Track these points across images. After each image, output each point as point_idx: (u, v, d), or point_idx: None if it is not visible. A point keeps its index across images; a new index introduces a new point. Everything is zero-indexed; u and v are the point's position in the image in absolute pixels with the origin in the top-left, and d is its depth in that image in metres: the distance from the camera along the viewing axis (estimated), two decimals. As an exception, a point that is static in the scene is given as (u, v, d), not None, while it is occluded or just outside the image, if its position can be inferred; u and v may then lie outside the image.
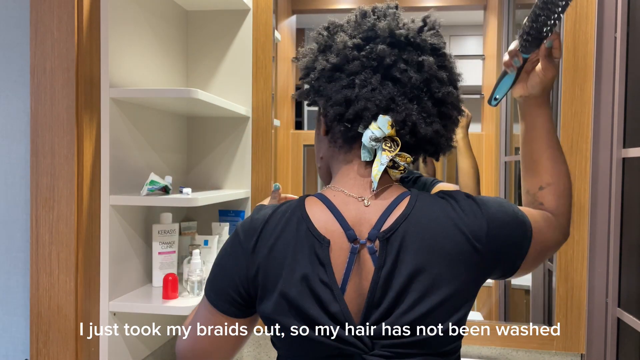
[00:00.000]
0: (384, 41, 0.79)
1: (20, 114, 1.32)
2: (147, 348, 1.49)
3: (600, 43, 1.52)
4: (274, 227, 0.77)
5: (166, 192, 1.35)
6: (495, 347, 1.59)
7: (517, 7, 1.75)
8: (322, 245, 0.74)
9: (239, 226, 0.81)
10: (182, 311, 1.29)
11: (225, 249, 0.82)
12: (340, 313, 0.72)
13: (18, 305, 1.34)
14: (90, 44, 1.23)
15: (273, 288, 0.75)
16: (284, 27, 1.80)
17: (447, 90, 0.80)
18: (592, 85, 1.52)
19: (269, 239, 0.77)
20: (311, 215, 0.77)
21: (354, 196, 0.78)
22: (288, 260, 0.75)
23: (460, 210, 0.76)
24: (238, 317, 0.81)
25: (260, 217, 0.79)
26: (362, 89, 0.78)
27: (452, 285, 0.72)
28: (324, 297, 0.73)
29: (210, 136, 1.72)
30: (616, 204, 1.49)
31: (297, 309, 0.74)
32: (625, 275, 1.49)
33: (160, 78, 1.55)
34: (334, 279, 0.73)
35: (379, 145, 0.77)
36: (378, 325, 0.72)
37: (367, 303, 0.73)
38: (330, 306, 0.72)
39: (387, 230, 0.74)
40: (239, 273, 0.78)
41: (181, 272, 1.50)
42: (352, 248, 0.75)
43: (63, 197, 1.20)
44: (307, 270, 0.73)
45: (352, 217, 0.76)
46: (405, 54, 0.79)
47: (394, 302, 0.72)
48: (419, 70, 0.78)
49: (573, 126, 1.53)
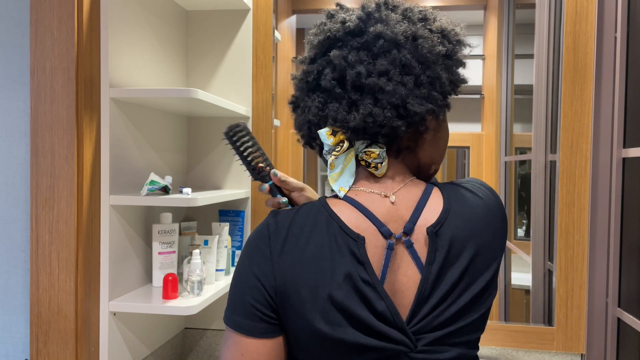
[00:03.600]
0: (309, 60, 0.82)
1: (20, 114, 1.32)
2: (147, 348, 1.49)
3: (600, 43, 1.52)
4: (301, 228, 0.73)
5: (166, 192, 1.35)
6: (495, 347, 1.59)
7: (517, 7, 1.75)
8: (357, 243, 0.71)
9: (257, 233, 0.75)
10: (182, 311, 1.29)
11: (242, 263, 0.75)
12: (387, 311, 0.70)
13: (18, 305, 1.35)
14: (90, 44, 1.23)
15: (310, 294, 0.70)
16: (284, 27, 1.80)
17: (356, 72, 0.74)
18: (592, 85, 1.52)
19: (298, 241, 0.72)
20: (339, 214, 0.74)
21: (377, 193, 0.76)
22: (325, 262, 0.70)
23: (477, 192, 0.79)
24: (270, 335, 0.72)
25: (284, 218, 0.75)
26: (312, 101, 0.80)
27: (490, 272, 0.75)
28: (370, 295, 0.70)
29: (210, 136, 1.72)
30: (616, 204, 1.49)
31: (345, 311, 0.69)
32: (625, 275, 1.49)
33: (160, 78, 1.55)
34: (375, 277, 0.71)
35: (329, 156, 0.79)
36: (425, 320, 0.71)
37: (417, 299, 0.71)
38: (377, 305, 0.70)
39: (434, 224, 0.73)
40: (266, 280, 0.71)
41: (181, 272, 1.50)
42: (388, 244, 0.73)
43: (63, 197, 1.20)
44: (350, 269, 0.70)
45: (382, 213, 0.74)
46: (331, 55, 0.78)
47: (444, 296, 0.72)
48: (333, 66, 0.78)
49: (573, 126, 1.53)
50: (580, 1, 1.53)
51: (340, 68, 0.76)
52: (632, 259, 1.48)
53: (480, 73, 1.73)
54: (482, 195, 0.79)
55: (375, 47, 0.75)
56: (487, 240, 0.75)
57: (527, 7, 1.75)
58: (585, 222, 1.53)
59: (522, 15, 1.76)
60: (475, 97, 1.73)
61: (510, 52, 1.74)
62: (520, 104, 1.76)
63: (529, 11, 1.73)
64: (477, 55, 1.75)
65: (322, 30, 0.80)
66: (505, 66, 1.74)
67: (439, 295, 0.71)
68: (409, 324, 0.71)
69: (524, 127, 1.81)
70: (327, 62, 0.78)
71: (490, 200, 0.79)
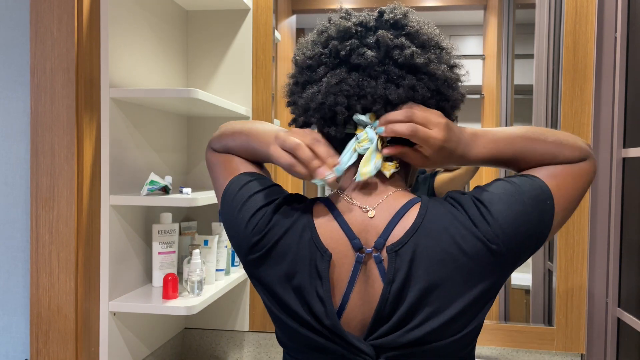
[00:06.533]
0: (335, 38, 0.78)
1: (20, 114, 1.32)
2: (147, 348, 1.49)
3: (600, 43, 1.52)
4: (283, 220, 0.77)
5: (166, 192, 1.35)
6: (495, 347, 1.59)
7: (517, 7, 1.75)
8: (323, 258, 0.73)
9: (286, 196, 0.81)
10: (182, 311, 1.29)
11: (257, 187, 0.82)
12: (333, 327, 0.71)
13: (18, 305, 1.34)
14: (90, 44, 1.23)
15: (278, 260, 0.76)
16: (284, 27, 1.80)
17: (410, 52, 0.74)
18: (592, 85, 1.52)
19: (278, 228, 0.77)
20: (317, 224, 0.76)
21: (359, 205, 0.76)
22: (286, 264, 0.74)
23: (470, 217, 0.71)
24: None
25: (284, 197, 0.80)
26: (329, 85, 0.76)
27: (469, 297, 0.70)
28: (318, 310, 0.72)
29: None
30: (616, 204, 1.49)
31: (294, 313, 0.74)
32: (625, 275, 1.49)
33: (160, 78, 1.55)
34: (329, 295, 0.72)
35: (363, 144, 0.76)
36: (385, 338, 0.71)
37: (375, 317, 0.71)
38: (324, 320, 0.72)
39: (396, 243, 0.71)
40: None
41: (181, 272, 1.50)
42: (357, 257, 0.73)
43: (63, 197, 1.20)
44: (304, 282, 0.73)
45: (357, 224, 0.75)
46: (366, 39, 0.77)
47: (404, 317, 0.70)
48: (378, 47, 0.76)
49: (573, 126, 1.53)
50: (580, 1, 1.53)
51: (386, 48, 0.75)
52: (632, 259, 1.48)
53: (480, 73, 1.73)
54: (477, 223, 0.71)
55: (417, 39, 0.76)
56: (461, 262, 0.69)
57: (527, 7, 1.75)
58: (585, 222, 1.53)
59: (522, 15, 1.76)
60: (475, 97, 1.72)
61: (510, 52, 1.74)
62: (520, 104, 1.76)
63: (529, 11, 1.73)
64: (477, 55, 1.75)
65: (348, 18, 0.79)
66: (505, 66, 1.74)
67: (399, 316, 0.70)
68: (367, 338, 0.72)
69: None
70: (365, 43, 0.76)
71: (484, 231, 0.70)
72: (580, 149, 0.77)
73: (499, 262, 0.71)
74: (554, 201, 0.73)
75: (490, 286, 0.71)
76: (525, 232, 0.71)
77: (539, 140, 0.77)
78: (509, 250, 0.70)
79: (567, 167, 0.76)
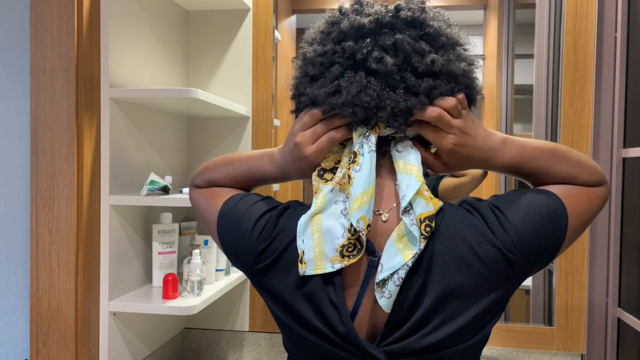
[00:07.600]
0: (349, 37, 0.74)
1: (20, 114, 1.32)
2: (147, 348, 1.49)
3: (600, 43, 1.52)
4: (289, 226, 0.75)
5: (166, 192, 1.35)
6: (495, 347, 1.59)
7: (517, 7, 1.75)
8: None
9: (286, 204, 0.79)
10: (182, 311, 1.29)
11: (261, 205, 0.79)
12: (346, 334, 0.70)
13: (18, 305, 1.34)
14: (90, 44, 1.23)
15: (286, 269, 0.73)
16: (284, 27, 1.80)
17: (430, 60, 0.71)
18: (592, 85, 1.52)
19: (285, 234, 0.74)
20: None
21: (374, 209, 0.74)
22: (295, 272, 0.72)
23: (488, 224, 0.71)
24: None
25: (286, 202, 0.78)
26: (349, 95, 0.72)
27: (482, 305, 0.69)
28: (331, 317, 0.70)
29: (210, 136, 1.72)
30: (616, 204, 1.49)
31: (305, 322, 0.72)
32: (625, 275, 1.49)
33: (160, 78, 1.55)
34: (343, 300, 0.70)
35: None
36: (398, 344, 0.70)
37: (389, 323, 0.70)
38: (337, 327, 0.70)
39: None
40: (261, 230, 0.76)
41: (181, 272, 1.50)
42: (370, 261, 0.72)
43: (63, 197, 1.20)
44: (316, 288, 0.71)
45: (373, 228, 0.73)
46: (380, 39, 0.73)
47: (419, 322, 0.69)
48: (395, 49, 0.72)
49: (573, 126, 1.53)
50: (580, 1, 1.53)
51: (405, 53, 0.71)
52: (632, 259, 1.48)
53: (480, 73, 1.73)
54: (495, 231, 0.70)
55: (436, 42, 0.73)
56: (477, 270, 0.69)
57: (527, 7, 1.75)
58: (585, 222, 1.53)
59: (522, 15, 1.76)
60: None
61: (510, 52, 1.74)
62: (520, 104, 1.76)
63: (529, 11, 1.73)
64: (477, 55, 1.75)
65: (361, 10, 0.75)
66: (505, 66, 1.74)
67: (413, 322, 0.69)
68: (380, 343, 0.71)
69: (524, 127, 1.81)
70: (381, 44, 0.72)
71: (501, 240, 0.69)
72: (598, 174, 0.78)
73: (512, 272, 0.70)
74: (568, 220, 0.73)
75: (502, 296, 0.71)
76: (540, 245, 0.71)
77: (564, 158, 0.77)
78: (523, 261, 0.70)
79: (583, 189, 0.76)
